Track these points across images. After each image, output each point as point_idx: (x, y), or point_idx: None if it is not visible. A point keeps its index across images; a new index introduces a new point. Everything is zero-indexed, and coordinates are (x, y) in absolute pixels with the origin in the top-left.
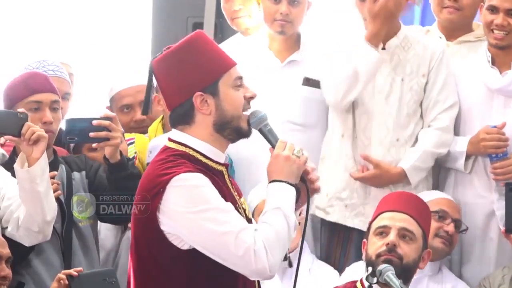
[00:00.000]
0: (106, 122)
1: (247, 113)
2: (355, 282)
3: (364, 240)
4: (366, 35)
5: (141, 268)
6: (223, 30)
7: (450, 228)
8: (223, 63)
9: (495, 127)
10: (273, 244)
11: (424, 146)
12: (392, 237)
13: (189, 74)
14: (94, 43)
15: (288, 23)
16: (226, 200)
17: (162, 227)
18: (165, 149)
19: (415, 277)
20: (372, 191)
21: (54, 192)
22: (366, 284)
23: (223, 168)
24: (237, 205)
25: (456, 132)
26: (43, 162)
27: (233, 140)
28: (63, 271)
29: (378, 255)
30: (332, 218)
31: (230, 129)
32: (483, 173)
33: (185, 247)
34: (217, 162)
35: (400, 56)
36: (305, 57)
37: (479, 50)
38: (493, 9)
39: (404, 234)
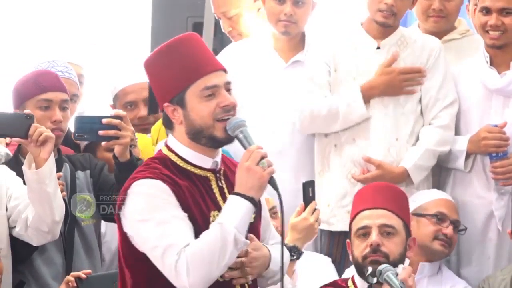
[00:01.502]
0: (116, 121)
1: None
2: (346, 280)
3: (348, 240)
4: (364, 85)
5: (118, 264)
6: (222, 30)
7: (449, 230)
8: (191, 73)
9: (496, 126)
10: (198, 262)
11: (425, 145)
12: (374, 236)
13: (162, 83)
14: (94, 43)
15: (292, 24)
16: (192, 209)
17: (125, 229)
18: (158, 151)
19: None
20: None
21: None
22: (360, 283)
23: (208, 174)
24: (216, 213)
25: (456, 132)
26: (51, 162)
27: (215, 147)
28: (72, 273)
29: (364, 257)
30: (336, 228)
31: (205, 138)
32: (482, 173)
33: (144, 252)
34: (201, 168)
35: None
36: (310, 58)
37: (478, 50)
38: (486, 10)
39: (385, 230)
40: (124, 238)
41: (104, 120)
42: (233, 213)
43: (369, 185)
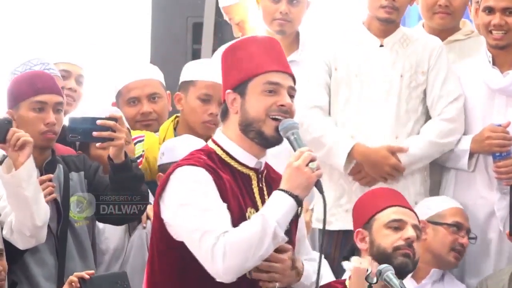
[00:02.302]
0: (111, 123)
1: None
2: (343, 281)
3: (360, 230)
4: (360, 146)
5: (150, 251)
6: (223, 30)
7: (465, 240)
8: (259, 66)
9: (500, 125)
10: (235, 249)
11: (423, 134)
12: (412, 232)
13: (229, 71)
14: (94, 43)
15: (287, 23)
16: (230, 202)
17: (162, 216)
18: (205, 145)
19: (419, 284)
20: None
21: (49, 194)
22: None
23: (251, 173)
24: (252, 211)
25: None
26: (30, 166)
27: (262, 145)
28: (75, 274)
29: (396, 248)
30: (335, 227)
31: (254, 132)
32: (484, 172)
33: (180, 239)
34: (244, 165)
35: (399, 52)
36: (305, 58)
37: (480, 50)
38: (489, 10)
39: (416, 232)
40: (160, 225)
41: (98, 122)
42: (276, 208)
43: (389, 188)
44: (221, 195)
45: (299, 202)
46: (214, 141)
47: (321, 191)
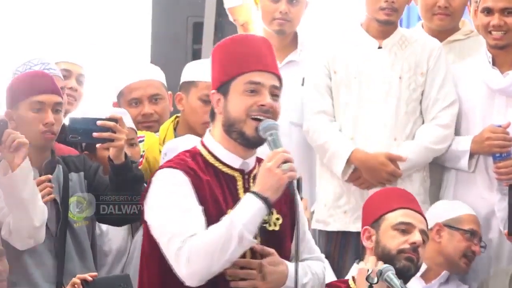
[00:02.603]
0: (111, 123)
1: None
2: (346, 280)
3: (368, 227)
4: (359, 152)
5: (141, 253)
6: (223, 29)
7: (477, 248)
8: (241, 65)
9: (500, 126)
10: (199, 252)
11: (419, 141)
12: (418, 237)
13: (214, 71)
14: (94, 43)
15: (287, 22)
16: (208, 204)
17: (145, 217)
18: (193, 146)
19: (427, 285)
20: (370, 193)
21: (47, 195)
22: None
23: (236, 174)
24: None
25: (457, 132)
26: (26, 167)
27: (244, 146)
28: (78, 276)
29: (401, 251)
30: (333, 227)
31: (236, 133)
32: (485, 173)
33: (157, 240)
34: (229, 166)
35: (398, 54)
36: (304, 58)
37: (480, 50)
38: (488, 11)
39: (423, 237)
40: (145, 226)
41: (98, 122)
42: (244, 210)
43: (396, 188)
44: (199, 198)
45: (269, 204)
46: (201, 142)
47: (293, 193)
